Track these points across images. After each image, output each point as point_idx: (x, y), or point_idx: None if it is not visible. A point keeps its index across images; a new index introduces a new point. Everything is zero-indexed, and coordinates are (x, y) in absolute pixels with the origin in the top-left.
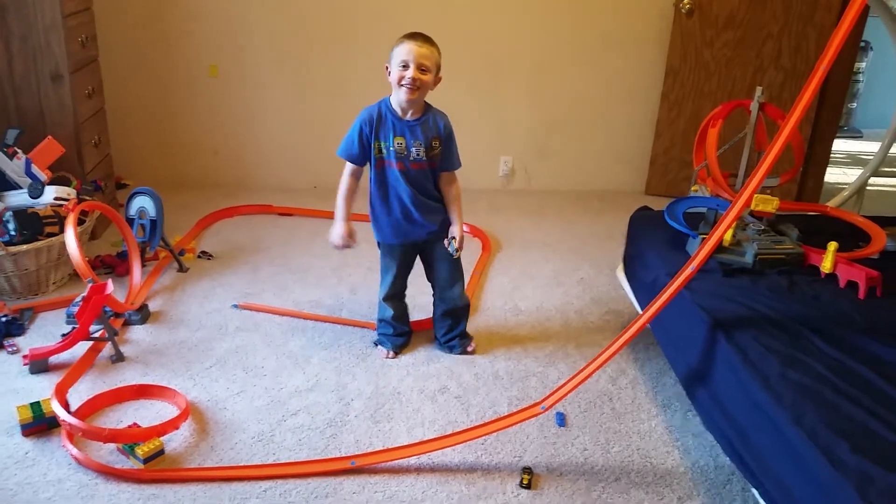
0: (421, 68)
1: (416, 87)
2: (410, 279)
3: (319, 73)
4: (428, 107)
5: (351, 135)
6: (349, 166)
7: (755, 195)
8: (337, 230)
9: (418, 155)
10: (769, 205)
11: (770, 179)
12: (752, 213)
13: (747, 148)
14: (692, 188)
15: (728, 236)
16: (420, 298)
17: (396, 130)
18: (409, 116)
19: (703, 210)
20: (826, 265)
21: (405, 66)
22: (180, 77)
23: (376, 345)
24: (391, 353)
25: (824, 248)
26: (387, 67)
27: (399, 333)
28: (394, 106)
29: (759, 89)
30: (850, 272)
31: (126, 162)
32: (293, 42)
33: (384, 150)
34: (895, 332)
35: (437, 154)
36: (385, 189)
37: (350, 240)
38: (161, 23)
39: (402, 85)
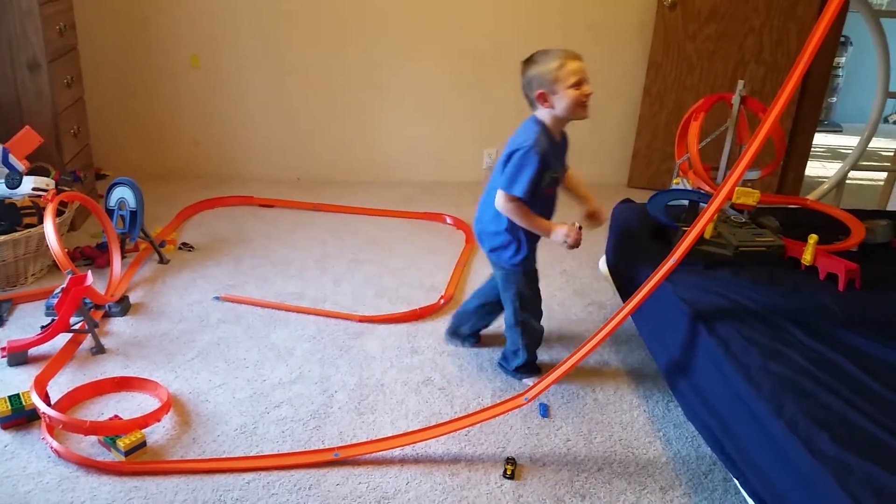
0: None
1: None
2: (394, 267)
3: (303, 63)
4: None
5: (531, 174)
6: (521, 203)
7: (736, 188)
8: (563, 230)
9: (560, 174)
10: (750, 198)
11: (751, 172)
12: (733, 206)
13: (729, 141)
14: (674, 181)
15: (709, 229)
16: (403, 290)
17: (555, 154)
18: (559, 137)
19: (685, 202)
20: (806, 257)
21: (579, 84)
22: (161, 67)
23: (521, 379)
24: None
25: (805, 240)
26: (543, 95)
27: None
28: (550, 129)
29: (740, 83)
30: (829, 264)
31: (106, 152)
32: (276, 32)
33: (547, 179)
34: (873, 324)
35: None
36: (543, 215)
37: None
38: (142, 12)
39: (584, 102)
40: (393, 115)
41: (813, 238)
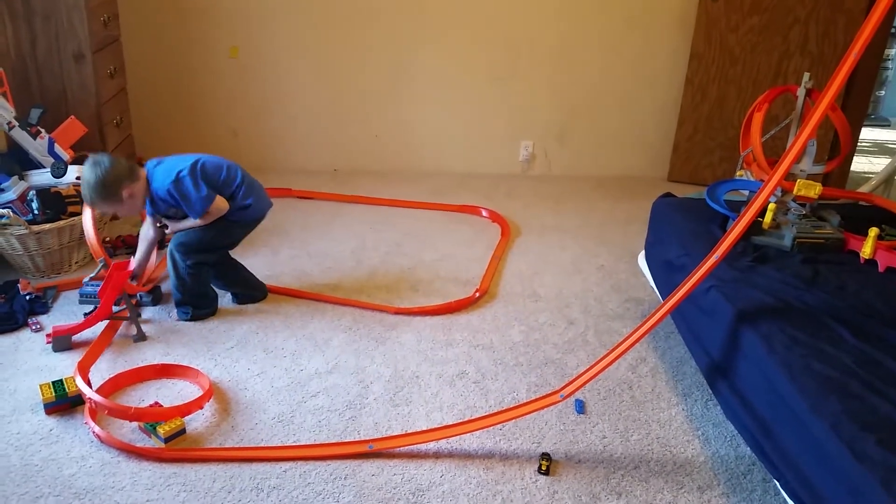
0: None
1: None
2: (430, 260)
3: (339, 55)
4: None
5: None
6: None
7: (799, 180)
8: None
9: None
10: (811, 190)
11: (816, 167)
12: (795, 199)
13: (793, 134)
14: (738, 173)
15: (767, 218)
16: (438, 283)
17: None
18: None
19: (743, 197)
20: (866, 250)
21: None
22: (201, 58)
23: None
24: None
25: (866, 234)
26: None
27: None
28: None
29: (806, 75)
30: (889, 258)
31: (147, 142)
32: (313, 24)
33: None
34: None
35: None
36: None
37: None
38: (182, 3)
39: None
40: (428, 106)
41: (873, 231)
